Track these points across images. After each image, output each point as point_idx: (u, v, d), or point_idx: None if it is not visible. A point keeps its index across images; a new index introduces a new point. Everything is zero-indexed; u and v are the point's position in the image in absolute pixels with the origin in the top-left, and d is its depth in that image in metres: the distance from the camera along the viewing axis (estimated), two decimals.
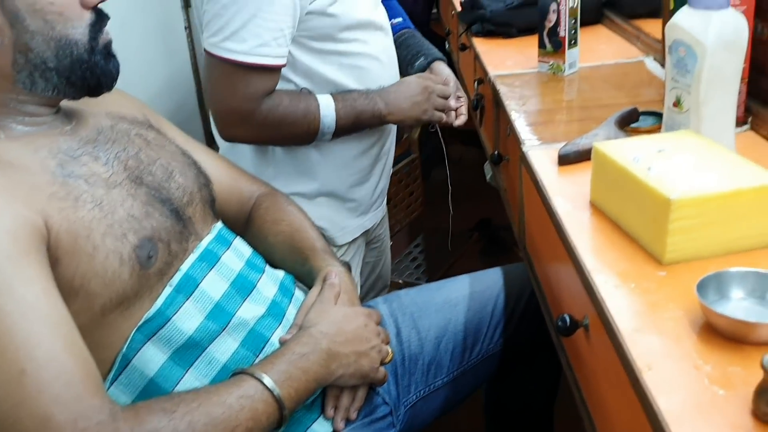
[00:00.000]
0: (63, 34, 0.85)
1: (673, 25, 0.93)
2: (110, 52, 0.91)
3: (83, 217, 0.81)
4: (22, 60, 0.83)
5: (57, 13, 0.83)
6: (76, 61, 0.86)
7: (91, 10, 0.88)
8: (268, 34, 1.19)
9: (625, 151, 0.86)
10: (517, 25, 1.83)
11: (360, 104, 1.33)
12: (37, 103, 0.88)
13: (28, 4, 0.82)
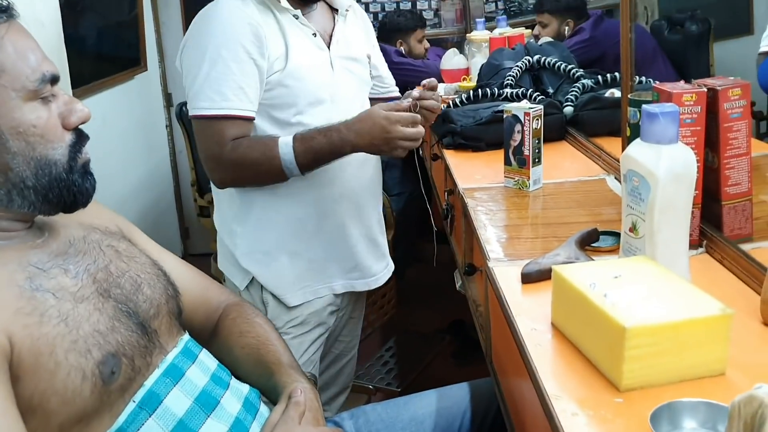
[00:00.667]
0: (43, 155, 0.87)
1: (627, 156, 0.98)
2: (88, 171, 0.94)
3: (47, 333, 0.82)
4: (1, 178, 0.86)
5: (39, 135, 0.87)
6: (54, 180, 0.89)
7: (72, 131, 0.91)
8: (229, 91, 1.41)
9: (583, 275, 0.90)
10: (486, 139, 1.91)
11: (318, 140, 1.41)
12: (11, 218, 0.90)
13: (12, 126, 0.85)
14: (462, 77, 2.85)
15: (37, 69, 0.87)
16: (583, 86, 2.10)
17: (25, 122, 0.86)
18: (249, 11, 1.44)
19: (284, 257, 1.54)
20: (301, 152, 1.40)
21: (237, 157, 1.42)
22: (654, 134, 0.94)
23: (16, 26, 0.89)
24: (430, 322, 2.99)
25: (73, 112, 0.91)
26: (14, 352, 0.79)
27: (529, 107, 1.51)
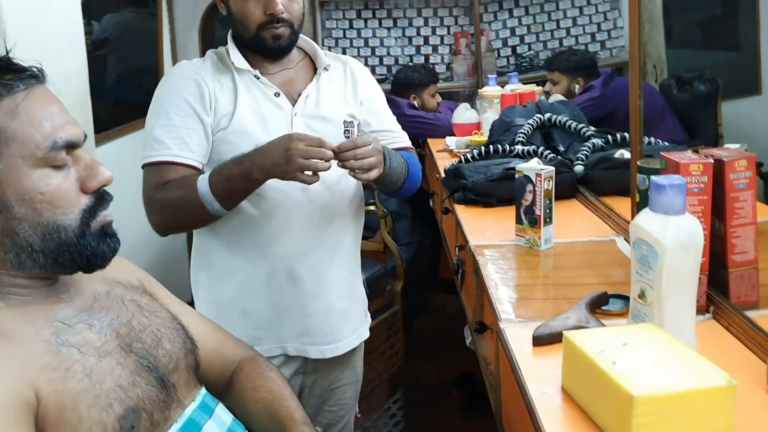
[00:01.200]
0: (51, 221, 0.88)
1: (636, 225, 1.02)
2: (108, 233, 0.94)
3: (72, 388, 0.85)
4: (9, 242, 0.88)
5: (46, 202, 0.88)
6: (63, 245, 0.90)
7: (92, 194, 0.92)
8: (170, 141, 1.47)
9: (592, 342, 0.92)
10: (497, 196, 1.94)
11: (230, 166, 1.41)
12: (28, 277, 0.91)
13: (18, 193, 0.86)
14: (473, 132, 2.91)
15: (50, 136, 0.88)
16: (593, 145, 2.14)
17: (32, 189, 0.87)
18: (202, 72, 1.52)
19: (236, 312, 1.54)
20: (215, 182, 1.40)
21: (162, 197, 1.45)
22: (662, 205, 0.98)
23: (38, 92, 0.91)
24: (438, 374, 2.99)
25: (93, 176, 0.92)
26: (40, 406, 0.81)
27: (540, 168, 1.55)
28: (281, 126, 1.50)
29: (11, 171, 0.86)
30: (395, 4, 4.18)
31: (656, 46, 3.63)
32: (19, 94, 0.87)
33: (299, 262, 1.54)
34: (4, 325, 0.86)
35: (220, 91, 1.51)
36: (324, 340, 1.58)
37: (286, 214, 1.52)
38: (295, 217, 1.52)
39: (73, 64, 1.77)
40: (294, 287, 1.55)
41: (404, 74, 3.56)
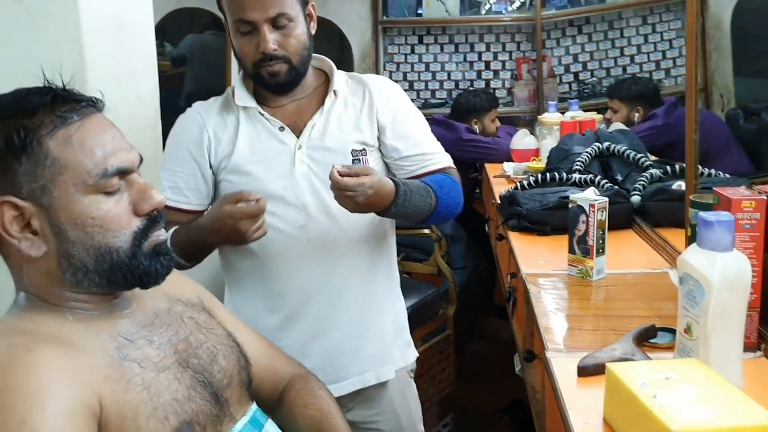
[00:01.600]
0: (102, 243, 0.94)
1: (683, 260, 1.02)
2: (160, 252, 0.99)
3: (132, 400, 0.90)
4: (65, 263, 0.94)
5: (97, 226, 0.93)
6: (116, 265, 0.95)
7: (144, 217, 0.97)
8: (166, 184, 1.55)
9: (635, 374, 0.93)
10: (551, 224, 1.95)
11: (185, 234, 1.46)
12: (88, 293, 0.97)
13: (71, 218, 0.92)
14: (531, 158, 2.92)
15: (100, 164, 0.93)
16: (651, 176, 2.13)
17: (84, 214, 0.92)
18: (207, 114, 1.55)
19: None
20: (175, 241, 1.45)
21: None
22: (709, 241, 0.98)
23: (93, 121, 0.96)
24: (489, 400, 2.98)
25: (145, 200, 0.97)
26: (103, 414, 0.87)
27: (594, 199, 1.56)
28: (284, 161, 1.49)
29: (64, 197, 0.91)
30: (457, 30, 4.23)
31: (723, 75, 3.58)
32: (73, 124, 0.93)
33: (300, 302, 1.53)
34: (72, 336, 0.93)
35: (223, 131, 1.53)
36: (325, 379, 1.38)
37: (284, 253, 1.51)
38: (294, 255, 1.50)
39: (146, 88, 1.87)
40: (293, 327, 1.53)
41: (465, 99, 3.59)
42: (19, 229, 0.91)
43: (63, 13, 1.54)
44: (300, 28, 1.46)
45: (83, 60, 1.57)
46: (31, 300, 0.95)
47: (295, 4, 1.45)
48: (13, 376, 0.83)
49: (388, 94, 1.58)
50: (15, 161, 0.90)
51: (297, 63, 1.48)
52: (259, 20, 1.41)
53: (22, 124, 0.90)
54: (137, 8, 1.82)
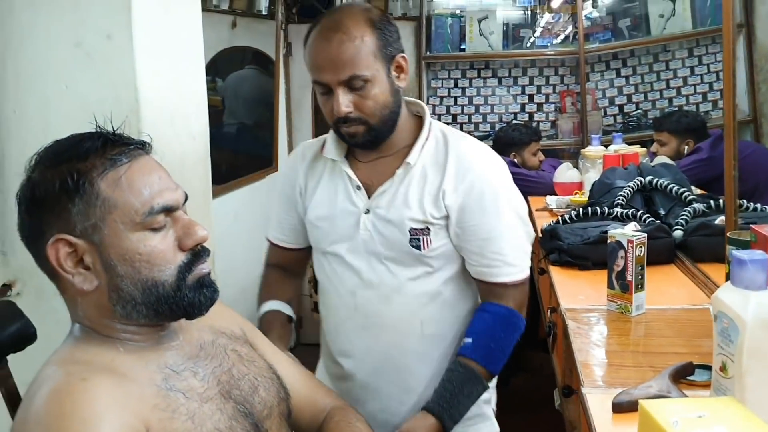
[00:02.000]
0: (149, 277, 0.99)
1: (717, 298, 1.03)
2: (204, 284, 1.04)
3: (177, 429, 0.95)
4: (115, 296, 0.99)
5: (145, 261, 0.98)
6: (162, 298, 1.00)
7: (188, 251, 1.02)
8: (273, 221, 1.64)
9: (667, 412, 0.93)
10: (592, 259, 1.95)
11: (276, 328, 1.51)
12: (137, 325, 1.02)
13: (120, 254, 0.97)
14: (574, 191, 2.92)
15: (147, 203, 0.98)
16: (694, 210, 2.12)
17: (131, 250, 0.97)
18: (303, 160, 1.57)
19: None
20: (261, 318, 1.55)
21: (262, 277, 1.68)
22: (743, 280, 0.99)
23: (140, 163, 1.01)
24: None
25: (189, 236, 1.01)
26: None
27: (632, 234, 1.56)
28: (350, 223, 1.47)
29: (114, 235, 0.97)
30: (501, 64, 4.27)
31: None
32: (123, 166, 0.99)
33: (345, 362, 1.54)
34: (123, 367, 0.98)
35: (311, 179, 1.55)
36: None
37: (337, 312, 1.53)
38: (342, 317, 1.52)
39: (197, 126, 1.95)
40: (343, 382, 1.55)
41: (505, 133, 3.62)
42: (72, 265, 0.97)
43: (120, 58, 1.63)
44: (379, 87, 1.37)
45: (138, 101, 1.65)
46: (85, 331, 1.01)
47: (372, 63, 1.36)
48: (69, 403, 0.88)
49: (466, 173, 1.42)
50: (69, 202, 0.96)
51: (376, 124, 1.39)
52: (332, 82, 1.36)
53: (76, 168, 0.96)
54: (190, 51, 1.91)
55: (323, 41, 1.36)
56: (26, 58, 1.67)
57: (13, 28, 1.67)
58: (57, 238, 0.96)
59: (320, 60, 1.37)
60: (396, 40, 1.41)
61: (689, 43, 4.07)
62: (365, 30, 1.35)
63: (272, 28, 3.74)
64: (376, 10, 1.43)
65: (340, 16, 1.37)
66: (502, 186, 1.45)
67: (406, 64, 1.42)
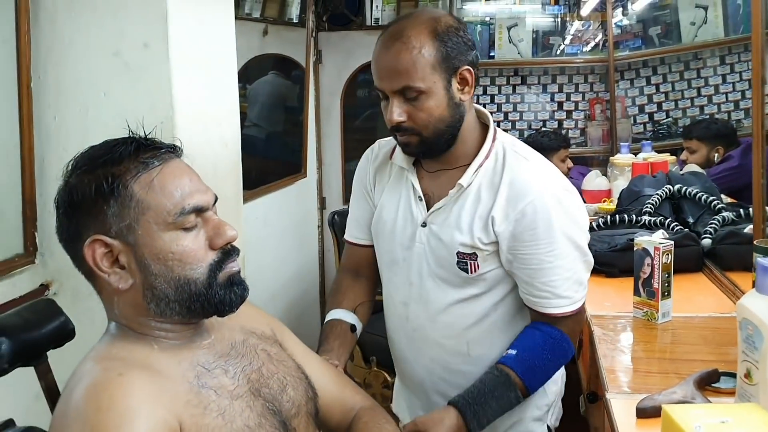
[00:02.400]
0: (181, 275, 1.02)
1: (741, 305, 1.04)
2: (235, 282, 1.06)
3: (208, 424, 0.98)
4: (149, 294, 1.02)
5: (177, 260, 1.01)
6: (194, 295, 1.03)
7: (219, 250, 1.05)
8: (350, 221, 1.62)
9: (690, 417, 0.94)
10: (619, 266, 1.96)
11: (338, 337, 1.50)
12: (171, 323, 1.05)
13: (153, 253, 1.01)
14: (602, 199, 2.92)
15: (179, 204, 1.01)
16: (723, 219, 2.11)
17: (164, 250, 1.01)
18: (374, 159, 1.56)
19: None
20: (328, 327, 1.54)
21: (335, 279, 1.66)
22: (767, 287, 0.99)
23: (172, 166, 1.04)
24: None
25: (219, 235, 1.04)
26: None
27: (659, 242, 1.57)
28: (408, 234, 1.45)
29: (147, 235, 1.00)
30: (530, 71, 4.27)
31: None
32: (155, 169, 1.02)
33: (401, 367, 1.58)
34: (157, 364, 1.01)
35: (379, 182, 1.54)
36: None
37: (390, 319, 1.56)
38: (396, 325, 1.54)
39: (229, 133, 1.99)
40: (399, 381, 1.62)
41: (533, 139, 3.62)
42: (109, 264, 1.01)
43: (156, 67, 1.68)
44: (435, 100, 1.32)
45: (173, 108, 1.69)
46: (121, 329, 1.05)
47: (429, 76, 1.31)
48: (107, 397, 0.91)
49: (518, 200, 1.34)
50: (105, 204, 1.00)
51: (429, 136, 1.35)
52: (386, 90, 1.34)
53: (111, 172, 1.00)
54: (223, 60, 1.96)
55: (383, 48, 1.34)
56: (66, 66, 1.73)
57: (55, 38, 1.73)
58: (93, 239, 1.00)
59: (378, 67, 1.35)
60: (463, 51, 1.34)
61: (721, 50, 4.03)
62: (426, 41, 1.30)
63: (303, 35, 3.79)
64: (448, 18, 1.36)
65: (405, 24, 1.33)
66: (559, 214, 1.34)
67: (471, 77, 1.35)
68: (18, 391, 1.39)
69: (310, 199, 4.04)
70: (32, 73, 1.71)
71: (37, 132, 1.74)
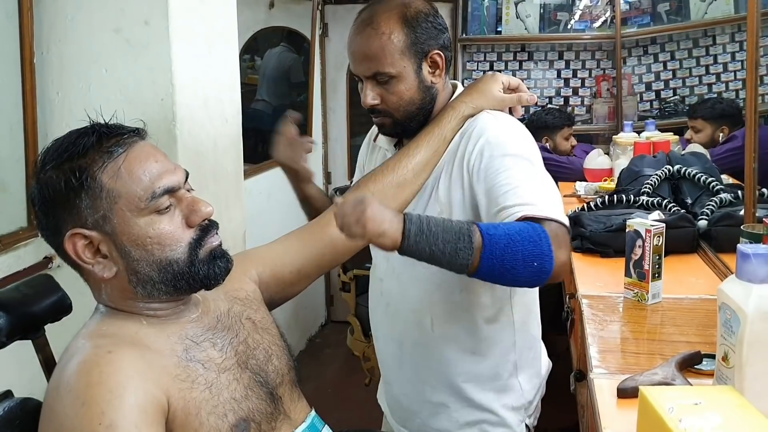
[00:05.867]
0: (162, 258, 1.04)
1: (720, 290, 1.06)
2: (216, 255, 1.09)
3: (196, 398, 1.01)
4: (134, 279, 1.05)
5: (156, 244, 1.04)
6: (178, 275, 1.06)
7: (197, 227, 1.07)
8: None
9: (665, 398, 0.97)
10: (614, 246, 1.97)
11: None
12: (158, 301, 1.08)
13: (131, 240, 1.03)
14: (603, 178, 2.93)
15: (149, 188, 1.02)
16: (721, 200, 2.12)
17: (142, 235, 1.03)
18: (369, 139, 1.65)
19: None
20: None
21: None
22: (746, 273, 1.01)
23: (137, 151, 1.04)
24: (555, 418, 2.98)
25: (194, 213, 1.06)
26: (170, 410, 0.98)
27: (650, 224, 1.58)
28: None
29: (123, 223, 1.02)
30: (537, 47, 4.26)
31: None
32: (120, 156, 1.03)
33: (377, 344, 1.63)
34: (146, 339, 1.04)
35: (369, 164, 1.62)
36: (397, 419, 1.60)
37: (371, 295, 1.61)
38: (374, 303, 1.59)
39: (230, 109, 2.01)
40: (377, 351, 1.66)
41: (537, 116, 3.62)
42: (91, 255, 1.04)
43: (157, 44, 1.70)
44: (405, 84, 1.37)
45: (173, 85, 1.72)
46: (110, 309, 1.08)
47: (398, 61, 1.35)
48: (97, 373, 0.95)
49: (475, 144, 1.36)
50: (76, 198, 1.01)
51: (400, 118, 1.40)
52: (360, 75, 1.41)
53: (78, 165, 1.02)
54: (224, 37, 1.97)
55: (355, 35, 1.39)
56: (69, 43, 1.76)
57: (58, 15, 1.75)
58: (72, 232, 1.02)
59: (351, 53, 1.41)
60: (433, 36, 1.38)
61: (731, 28, 4.00)
62: (395, 27, 1.35)
63: (309, 8, 3.78)
64: (418, 3, 1.39)
65: (375, 10, 1.38)
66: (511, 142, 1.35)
67: (442, 60, 1.40)
68: (16, 364, 1.44)
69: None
70: (35, 49, 1.74)
71: (41, 107, 1.78)
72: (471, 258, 1.16)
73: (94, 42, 1.75)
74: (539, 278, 1.21)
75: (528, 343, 1.56)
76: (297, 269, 1.32)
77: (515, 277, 1.20)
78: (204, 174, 1.88)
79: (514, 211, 1.25)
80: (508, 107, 1.47)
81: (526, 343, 1.55)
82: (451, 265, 1.19)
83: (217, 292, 1.17)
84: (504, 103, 1.45)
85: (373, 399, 1.78)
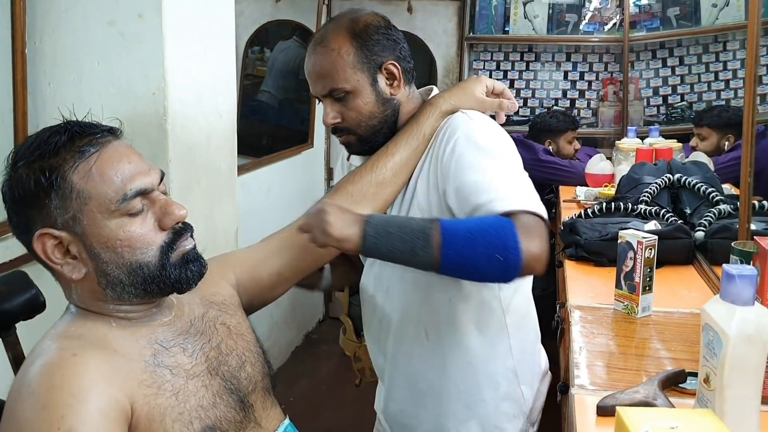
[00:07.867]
0: (132, 260, 1.02)
1: (704, 310, 1.03)
2: (189, 259, 1.07)
3: (161, 404, 0.99)
4: (104, 281, 1.03)
5: (126, 246, 1.01)
6: (148, 278, 1.04)
7: (169, 230, 1.05)
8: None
9: (641, 420, 0.94)
10: (608, 255, 1.94)
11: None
12: (129, 304, 1.06)
13: (101, 242, 1.01)
14: (604, 183, 2.90)
15: (120, 190, 1.00)
16: (719, 212, 2.09)
17: (112, 237, 1.00)
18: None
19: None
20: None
21: None
22: (730, 294, 0.99)
23: (110, 151, 1.02)
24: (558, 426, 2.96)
25: (167, 215, 1.04)
26: (134, 416, 0.97)
27: (642, 236, 1.56)
28: None
29: (93, 224, 1.00)
30: (544, 48, 4.22)
31: None
32: (92, 156, 1.01)
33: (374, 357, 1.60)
34: (115, 342, 1.02)
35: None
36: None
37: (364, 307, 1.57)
38: (366, 316, 1.57)
39: (225, 105, 1.99)
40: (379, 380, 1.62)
41: (541, 119, 3.59)
42: (60, 256, 1.02)
43: (150, 38, 1.68)
44: (362, 98, 1.36)
45: (165, 80, 1.70)
46: (80, 309, 1.06)
47: (351, 75, 1.35)
48: (60, 377, 0.93)
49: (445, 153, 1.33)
50: (46, 197, 0.99)
51: (363, 134, 1.39)
52: (317, 95, 1.39)
53: (48, 164, 0.99)
54: (220, 31, 1.95)
55: (309, 56, 1.38)
56: (62, 34, 1.74)
57: (52, 6, 1.73)
58: (41, 232, 1.00)
59: (307, 74, 1.39)
60: (387, 47, 1.37)
61: (741, 34, 3.94)
62: (344, 42, 1.34)
63: (314, 3, 3.76)
64: (368, 17, 1.39)
65: (326, 29, 1.39)
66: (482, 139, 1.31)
67: (398, 71, 1.38)
68: None
69: (317, 170, 4.04)
70: (28, 39, 1.72)
71: (32, 98, 1.76)
72: (430, 256, 1.16)
73: (88, 34, 1.73)
74: (508, 272, 1.19)
75: (525, 348, 1.52)
76: (276, 272, 1.30)
77: (480, 271, 1.20)
78: (196, 169, 1.87)
79: (487, 208, 1.23)
80: (491, 112, 1.45)
81: (524, 347, 1.52)
82: (413, 264, 1.20)
83: (192, 296, 1.15)
84: (484, 105, 1.42)
85: (367, 398, 1.76)
